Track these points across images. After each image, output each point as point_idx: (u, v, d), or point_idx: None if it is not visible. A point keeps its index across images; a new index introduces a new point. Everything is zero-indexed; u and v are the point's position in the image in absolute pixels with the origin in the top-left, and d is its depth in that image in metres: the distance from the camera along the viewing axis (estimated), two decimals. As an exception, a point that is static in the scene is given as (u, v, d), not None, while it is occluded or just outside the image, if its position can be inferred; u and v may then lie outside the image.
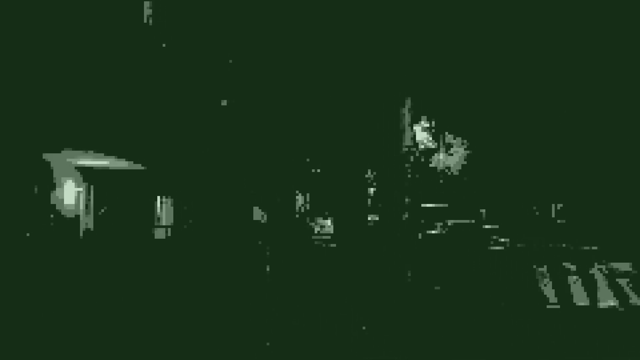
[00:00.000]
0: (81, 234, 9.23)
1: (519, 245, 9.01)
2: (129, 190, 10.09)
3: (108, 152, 8.65)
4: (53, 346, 5.39)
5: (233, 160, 11.06)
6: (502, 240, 9.54)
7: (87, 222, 9.36)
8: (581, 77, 9.71)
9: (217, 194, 11.08)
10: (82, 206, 9.22)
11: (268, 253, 9.25)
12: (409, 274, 8.09)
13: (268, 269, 10.24)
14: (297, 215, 10.31)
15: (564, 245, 9.17)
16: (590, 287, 7.80)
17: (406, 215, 7.67)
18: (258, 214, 11.29)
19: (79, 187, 9.15)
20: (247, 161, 11.15)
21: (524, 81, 10.07)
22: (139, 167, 9.76)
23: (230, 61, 11.32)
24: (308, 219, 9.78)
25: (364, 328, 5.80)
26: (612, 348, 5.82)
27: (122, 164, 9.24)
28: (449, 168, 10.64)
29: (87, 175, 9.37)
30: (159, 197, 10.89)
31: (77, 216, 9.16)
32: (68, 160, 8.60)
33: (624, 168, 9.62)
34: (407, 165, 7.79)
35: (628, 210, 9.70)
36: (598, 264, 8.02)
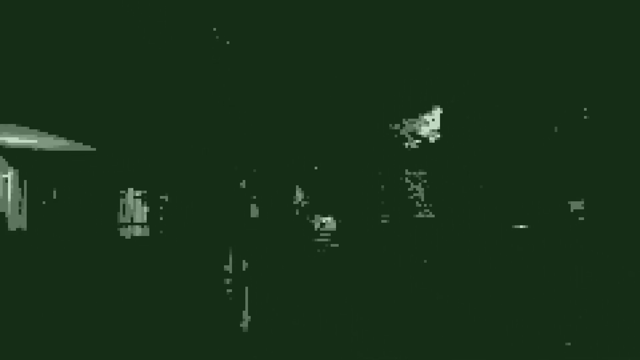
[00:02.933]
0: (9, 234, 7.06)
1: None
2: (81, 179, 7.88)
3: (35, 127, 6.44)
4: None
5: (223, 149, 8.84)
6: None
7: (17, 219, 7.19)
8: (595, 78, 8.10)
9: (203, 187, 8.85)
10: (9, 199, 7.05)
11: (247, 264, 7.04)
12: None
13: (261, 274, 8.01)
14: (297, 212, 7.98)
15: None
16: None
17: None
18: (254, 212, 9.06)
19: (3, 173, 6.98)
20: (240, 151, 8.93)
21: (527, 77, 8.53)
22: (87, 148, 7.54)
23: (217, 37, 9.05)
24: (308, 217, 7.46)
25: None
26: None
27: (60, 143, 7.01)
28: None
29: (15, 157, 7.18)
30: (132, 191, 8.68)
31: (3, 213, 7.00)
32: (-19, 136, 6.44)
33: None
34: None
35: None
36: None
